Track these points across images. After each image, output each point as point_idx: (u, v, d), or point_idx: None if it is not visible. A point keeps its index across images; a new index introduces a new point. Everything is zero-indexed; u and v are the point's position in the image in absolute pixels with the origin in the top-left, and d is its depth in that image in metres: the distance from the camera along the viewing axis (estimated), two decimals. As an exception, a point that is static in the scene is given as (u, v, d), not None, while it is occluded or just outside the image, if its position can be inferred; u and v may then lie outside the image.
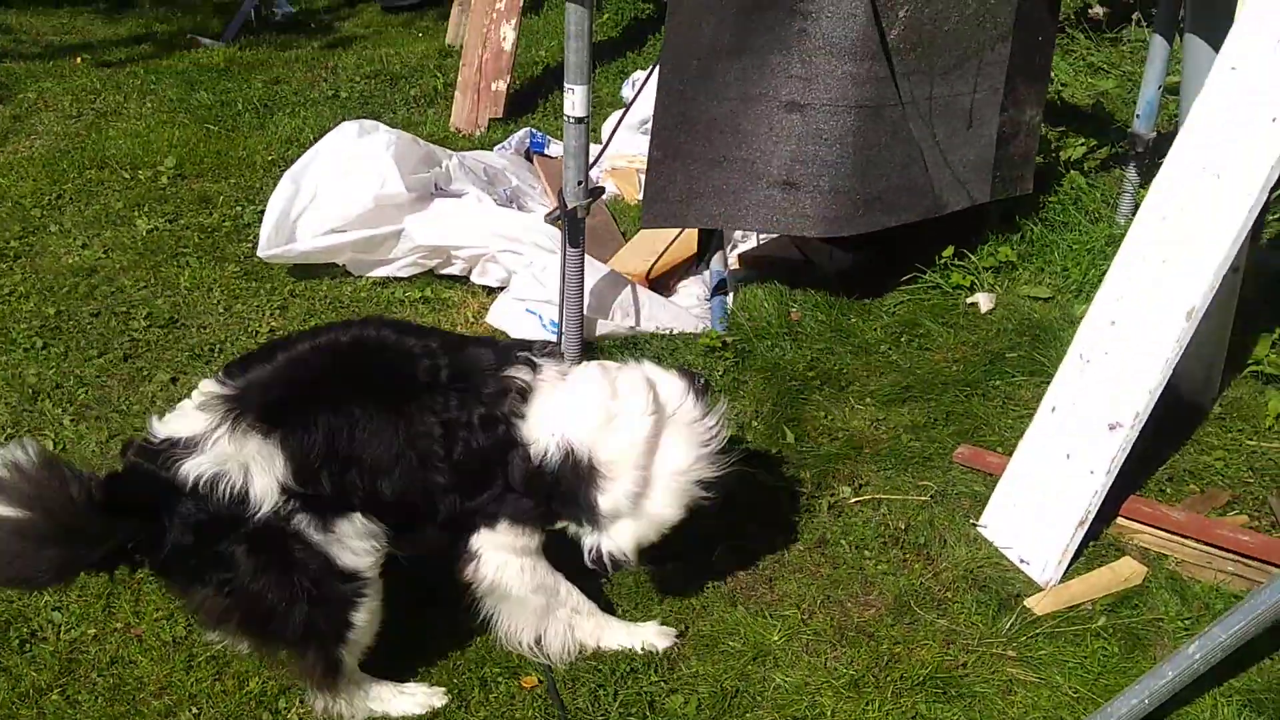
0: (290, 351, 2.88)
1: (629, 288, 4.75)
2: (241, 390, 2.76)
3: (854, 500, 3.82)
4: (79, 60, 7.99)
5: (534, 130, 6.47)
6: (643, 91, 6.61)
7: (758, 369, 4.48)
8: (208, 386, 2.80)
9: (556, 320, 4.54)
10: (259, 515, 2.68)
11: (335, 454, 2.77)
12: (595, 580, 3.44)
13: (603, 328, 4.64)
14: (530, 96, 7.25)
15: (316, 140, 6.28)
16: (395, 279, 5.21)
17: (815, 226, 4.42)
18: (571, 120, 4.13)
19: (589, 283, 4.54)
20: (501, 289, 5.02)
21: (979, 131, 4.62)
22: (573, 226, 4.30)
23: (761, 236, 5.27)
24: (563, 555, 3.21)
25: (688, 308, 4.91)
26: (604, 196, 5.54)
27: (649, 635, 3.31)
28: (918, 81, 4.40)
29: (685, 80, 4.31)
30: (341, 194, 5.15)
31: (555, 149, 6.40)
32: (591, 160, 4.30)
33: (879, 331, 4.66)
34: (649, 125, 6.34)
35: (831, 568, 3.58)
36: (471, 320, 4.95)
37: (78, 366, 4.63)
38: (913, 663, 3.23)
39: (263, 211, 5.66)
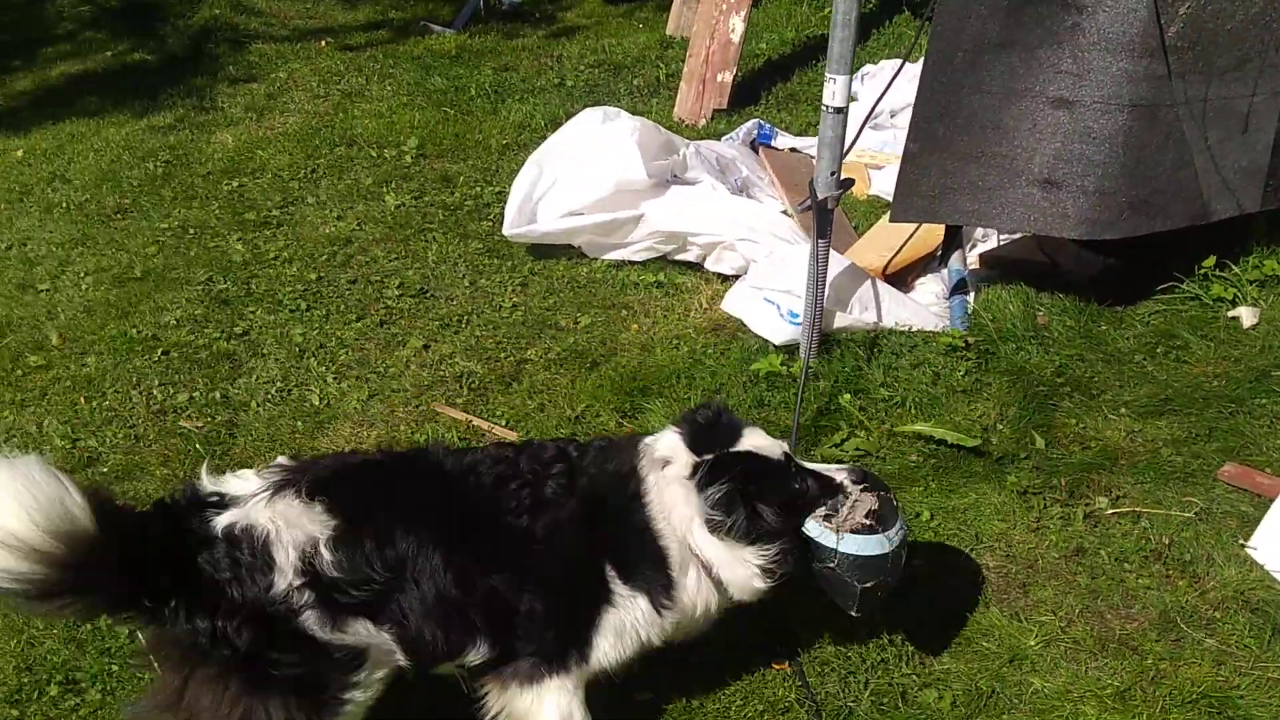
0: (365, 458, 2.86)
1: (869, 282, 4.72)
2: (301, 469, 2.70)
3: (1111, 512, 3.70)
4: (323, 44, 8.45)
5: (761, 122, 6.50)
6: (872, 85, 6.61)
7: (1001, 371, 4.39)
8: (280, 461, 2.75)
9: (795, 311, 4.56)
10: (276, 592, 2.49)
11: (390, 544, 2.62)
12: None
13: (841, 320, 4.63)
14: (752, 88, 7.27)
15: (547, 126, 6.52)
16: (629, 262, 5.31)
17: (1075, 228, 4.29)
18: (830, 110, 4.13)
19: (829, 275, 4.53)
20: (736, 277, 5.07)
21: (1254, 137, 4.40)
22: (822, 217, 4.29)
23: (1002, 237, 5.15)
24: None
25: (926, 305, 4.85)
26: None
27: None
28: (1193, 82, 4.22)
29: (949, 73, 4.24)
30: (583, 178, 5.29)
31: (782, 141, 6.42)
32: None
33: (1132, 341, 4.50)
34: (879, 119, 6.34)
35: (1090, 577, 3.48)
36: (705, 306, 5.01)
37: (338, 329, 4.91)
38: (1180, 680, 3.12)
39: (500, 192, 5.90)
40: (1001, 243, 5.13)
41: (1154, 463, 3.88)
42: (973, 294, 4.81)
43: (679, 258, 5.29)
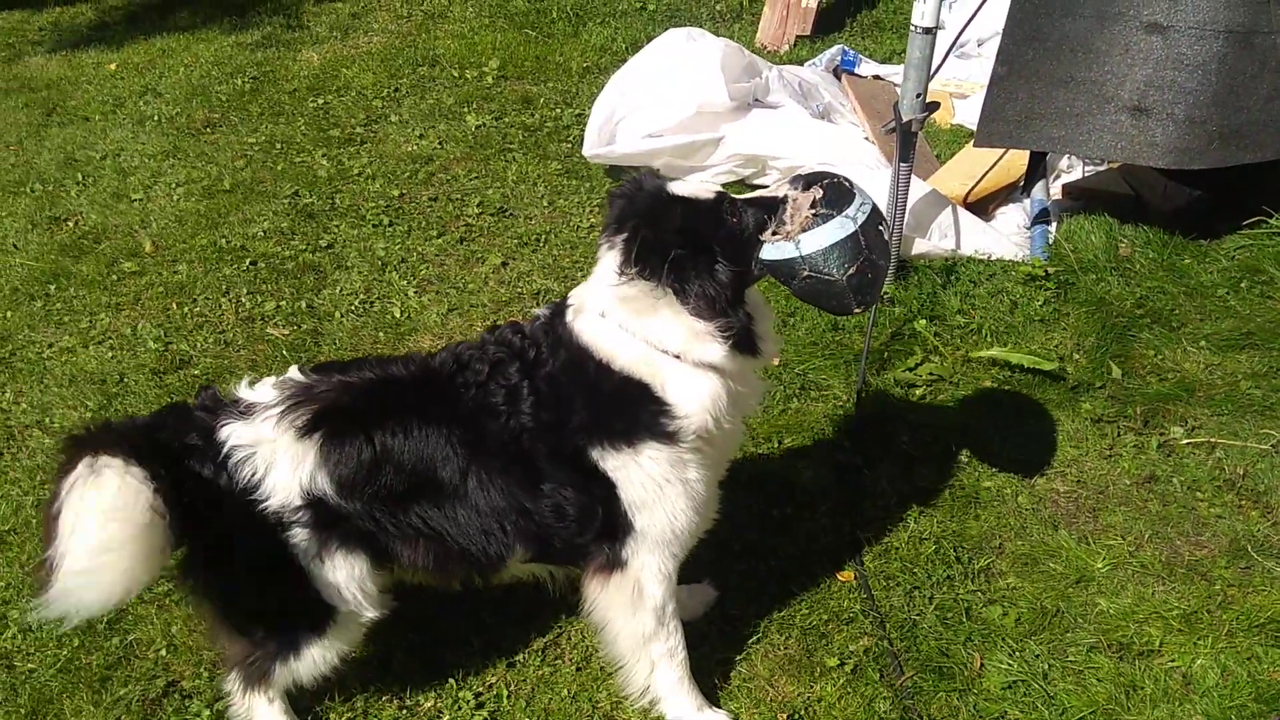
0: (378, 371, 2.70)
1: (949, 208, 4.69)
2: (314, 386, 2.62)
3: (1186, 441, 3.69)
4: (407, -36, 8.47)
5: (845, 48, 6.42)
6: (960, 11, 6.48)
7: (1081, 302, 4.35)
8: (293, 373, 2.67)
9: (872, 236, 4.54)
10: (267, 506, 2.53)
11: (389, 475, 2.57)
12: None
13: (919, 246, 4.61)
14: (836, 15, 7.17)
15: (628, 50, 6.51)
16: (707, 186, 5.32)
17: (1163, 157, 4.22)
18: (919, 30, 4.08)
19: (909, 200, 4.51)
20: (814, 202, 5.06)
21: (1356, 67, 4.26)
22: (905, 140, 4.27)
23: (1087, 168, 5.08)
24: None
25: (1007, 235, 4.81)
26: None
27: None
28: (1294, 8, 4.10)
29: (1041, -5, 4.17)
30: (664, 99, 5.29)
31: (865, 68, 6.35)
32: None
33: (1216, 274, 4.43)
34: (965, 48, 6.23)
35: (1161, 504, 3.49)
36: (782, 231, 5.01)
37: (419, 244, 5.01)
38: (1249, 606, 3.13)
39: (580, 114, 5.92)
40: (1086, 174, 5.06)
41: (1232, 395, 3.86)
42: (1055, 224, 4.76)
43: (758, 182, 5.29)
